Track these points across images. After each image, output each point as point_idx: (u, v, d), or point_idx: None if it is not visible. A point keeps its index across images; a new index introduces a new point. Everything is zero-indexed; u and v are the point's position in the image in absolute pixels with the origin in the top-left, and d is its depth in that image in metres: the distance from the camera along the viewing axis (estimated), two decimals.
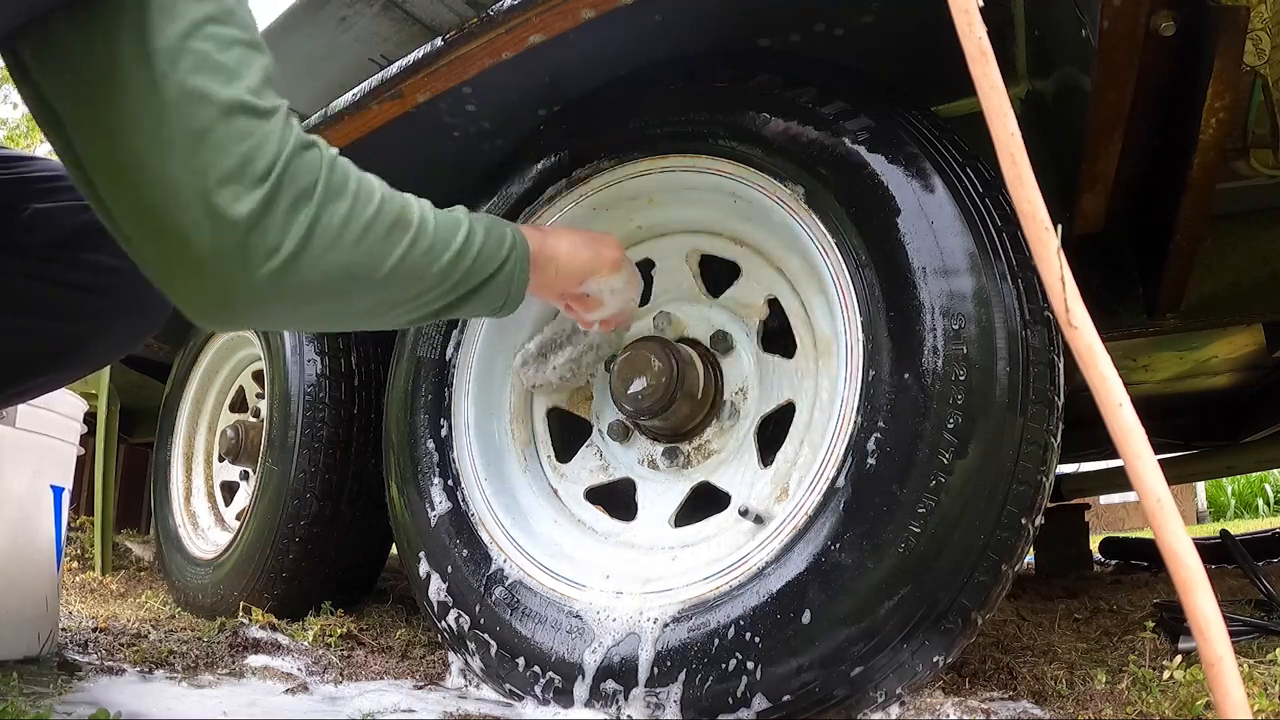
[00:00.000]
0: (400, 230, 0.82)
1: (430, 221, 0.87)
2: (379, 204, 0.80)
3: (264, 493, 1.90)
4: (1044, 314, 1.01)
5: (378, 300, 0.85)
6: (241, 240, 0.68)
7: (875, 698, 1.00)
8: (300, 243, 0.72)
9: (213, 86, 0.68)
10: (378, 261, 0.80)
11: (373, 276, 0.80)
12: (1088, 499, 3.35)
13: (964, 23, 0.66)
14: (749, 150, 1.20)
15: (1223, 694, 0.53)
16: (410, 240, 0.83)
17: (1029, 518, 0.98)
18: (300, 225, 0.71)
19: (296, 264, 0.72)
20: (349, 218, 0.76)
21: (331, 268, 0.75)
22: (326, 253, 0.74)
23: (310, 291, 0.76)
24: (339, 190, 0.76)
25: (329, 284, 0.77)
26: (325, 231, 0.74)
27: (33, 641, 1.34)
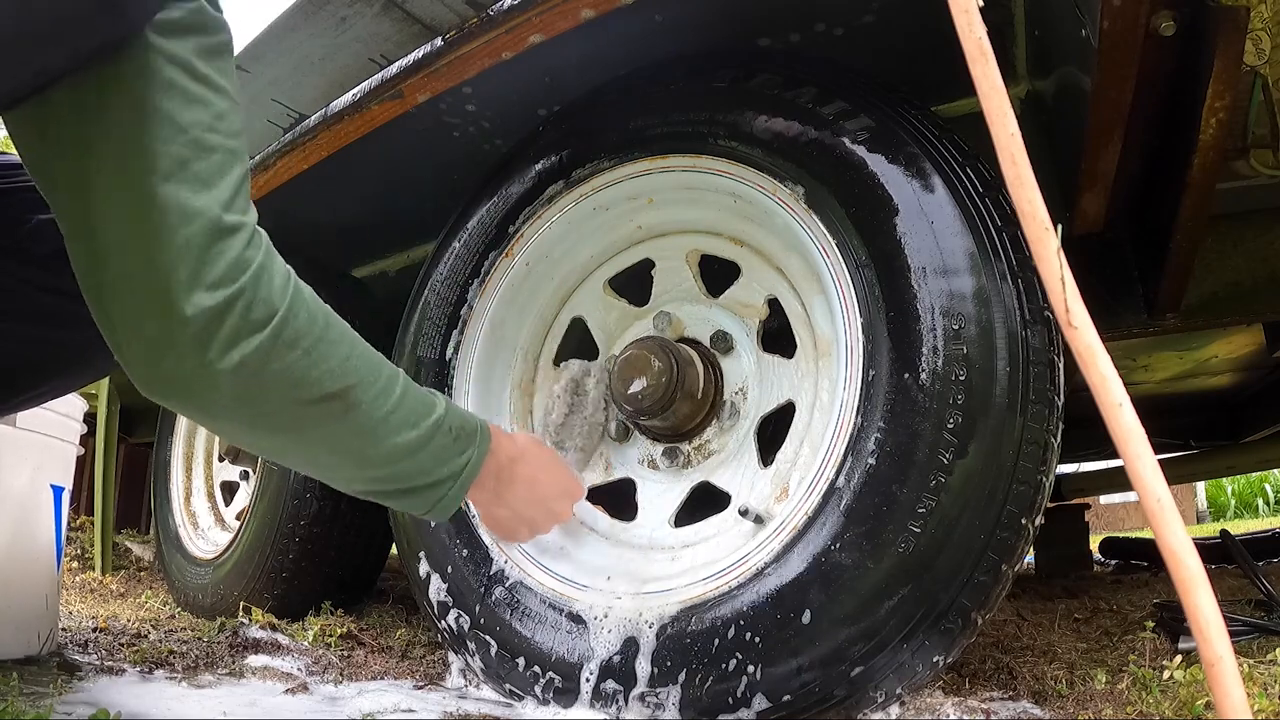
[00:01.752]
0: (336, 404, 0.79)
1: (382, 407, 0.83)
2: (328, 370, 0.77)
3: (264, 493, 1.90)
4: (1044, 314, 1.01)
5: (292, 456, 0.85)
6: (181, 343, 0.68)
7: (875, 698, 1.00)
8: (232, 369, 0.70)
9: (183, 194, 0.68)
10: (299, 421, 0.78)
11: (291, 431, 0.80)
12: (1088, 499, 3.35)
13: (964, 23, 0.66)
14: (749, 150, 1.20)
15: (1223, 694, 0.53)
16: (339, 416, 0.80)
17: (1029, 518, 0.98)
18: (235, 354, 0.70)
19: (221, 385, 0.71)
20: (286, 370, 0.74)
21: (257, 408, 0.75)
22: (253, 390, 0.73)
23: (233, 419, 0.76)
24: (291, 339, 0.73)
25: (251, 420, 0.76)
26: (258, 371, 0.72)
27: (33, 641, 1.34)
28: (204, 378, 0.70)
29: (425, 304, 1.51)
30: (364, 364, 0.82)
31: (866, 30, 1.28)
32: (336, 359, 0.78)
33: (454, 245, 1.49)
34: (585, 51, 1.34)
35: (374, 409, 0.82)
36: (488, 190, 1.48)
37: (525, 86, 1.45)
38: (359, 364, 0.81)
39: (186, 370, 0.69)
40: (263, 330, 0.71)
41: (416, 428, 0.88)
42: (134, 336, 0.69)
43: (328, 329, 0.78)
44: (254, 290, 0.70)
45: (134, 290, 0.68)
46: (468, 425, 0.97)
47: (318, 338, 0.76)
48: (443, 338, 1.47)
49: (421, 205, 1.84)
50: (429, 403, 0.91)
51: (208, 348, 0.68)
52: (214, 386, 0.70)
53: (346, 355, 0.80)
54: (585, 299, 1.52)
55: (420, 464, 0.90)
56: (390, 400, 0.84)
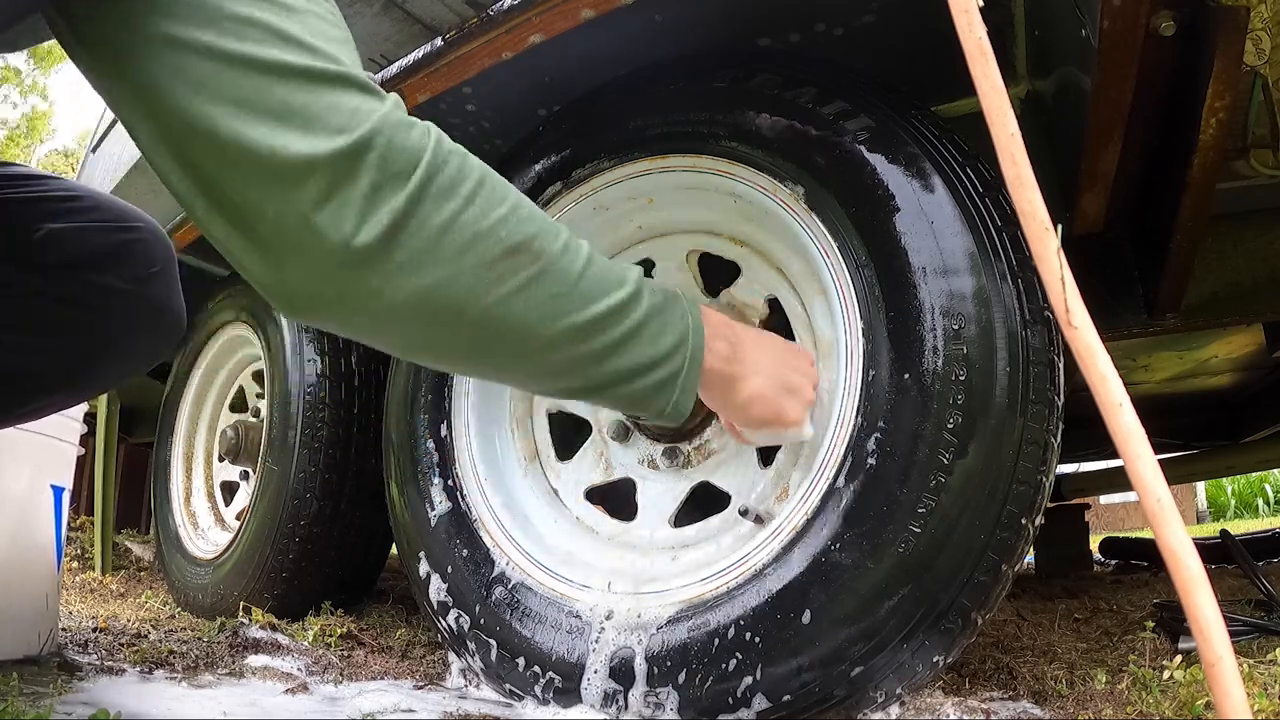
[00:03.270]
0: (523, 256, 0.65)
1: (575, 263, 0.69)
2: (500, 218, 0.64)
3: (264, 493, 1.90)
4: (1044, 314, 1.01)
5: (479, 342, 0.67)
6: (303, 220, 0.56)
7: (875, 698, 1.00)
8: (381, 237, 0.58)
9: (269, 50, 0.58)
10: (482, 287, 0.63)
11: (473, 304, 0.64)
12: (1088, 499, 3.35)
13: (964, 22, 0.66)
14: (749, 150, 1.20)
15: (1223, 694, 0.53)
16: (533, 275, 0.65)
17: (1029, 518, 0.98)
18: (383, 215, 0.57)
19: (374, 263, 0.58)
20: (451, 223, 0.61)
21: (424, 279, 0.61)
22: (416, 257, 0.60)
23: (391, 305, 0.61)
24: (447, 186, 0.61)
25: (416, 301, 0.61)
26: (417, 231, 0.59)
27: (32, 641, 1.34)
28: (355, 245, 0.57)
29: None
30: (537, 216, 0.68)
31: (866, 30, 1.28)
32: (506, 206, 0.65)
33: None
34: (585, 51, 1.34)
35: (566, 262, 0.68)
36: None
37: (525, 86, 1.45)
38: (532, 214, 0.67)
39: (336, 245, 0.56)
40: (408, 181, 0.59)
41: (621, 285, 0.73)
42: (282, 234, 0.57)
43: (486, 174, 0.66)
44: (386, 135, 0.59)
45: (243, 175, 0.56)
46: (668, 290, 0.81)
47: (478, 182, 0.64)
48: None
49: None
50: (619, 269, 0.76)
51: (344, 215, 0.56)
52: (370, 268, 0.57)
53: (516, 203, 0.66)
54: None
55: (646, 331, 0.75)
56: (581, 255, 0.70)
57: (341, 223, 0.56)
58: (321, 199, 0.56)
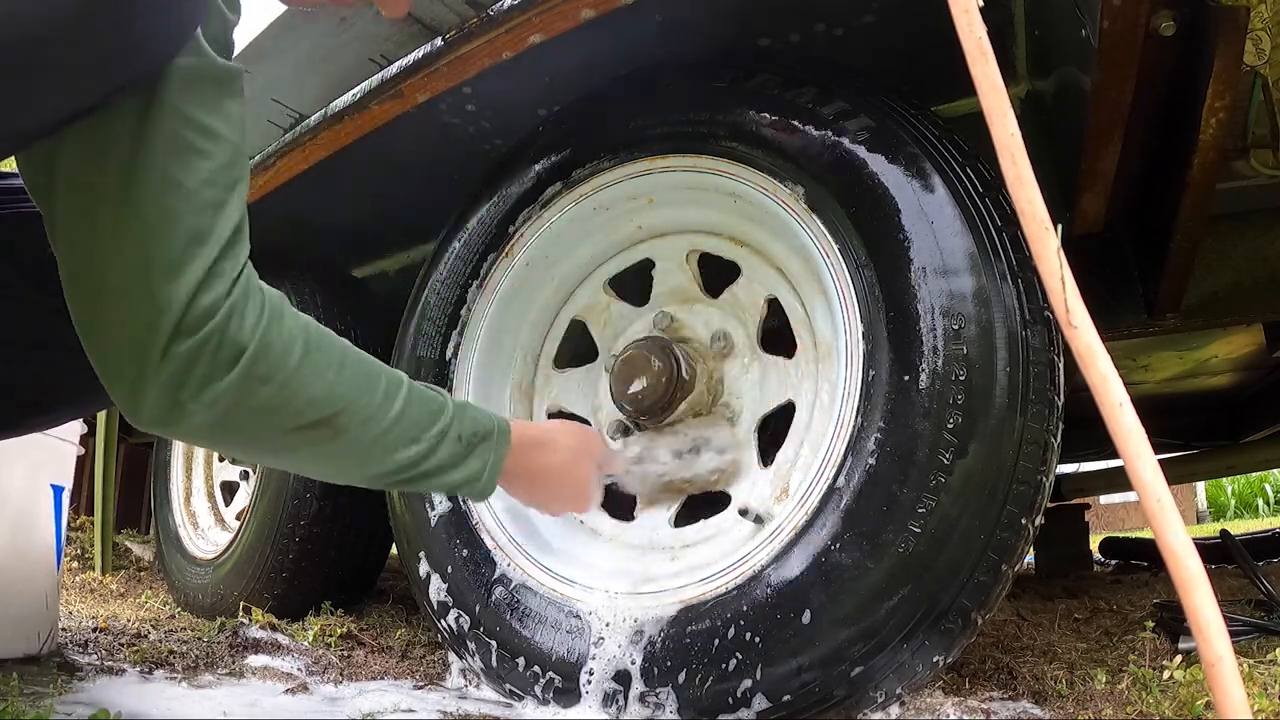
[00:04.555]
0: (322, 430, 0.79)
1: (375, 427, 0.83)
2: (309, 398, 0.77)
3: (264, 493, 1.90)
4: (1044, 314, 1.01)
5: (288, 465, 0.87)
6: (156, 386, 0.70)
7: (875, 698, 1.00)
8: (206, 410, 0.72)
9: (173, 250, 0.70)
10: (286, 448, 0.80)
11: (275, 455, 0.82)
12: (1088, 499, 3.35)
13: (964, 22, 0.66)
14: (749, 150, 1.20)
15: (1223, 694, 0.53)
16: (327, 441, 0.80)
17: (1029, 518, 0.98)
18: (207, 397, 0.71)
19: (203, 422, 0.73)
20: (263, 404, 0.75)
21: (241, 436, 0.77)
22: (232, 425, 0.75)
23: (221, 445, 0.80)
24: (263, 374, 0.74)
25: (239, 446, 0.79)
26: (234, 409, 0.73)
27: (32, 640, 1.34)
28: (181, 415, 0.72)
29: (425, 304, 1.51)
30: (354, 387, 0.81)
31: (866, 30, 1.28)
32: (320, 387, 0.78)
33: (454, 245, 1.49)
34: (585, 51, 1.34)
35: (366, 430, 0.82)
36: (487, 190, 1.48)
37: (525, 86, 1.45)
38: (347, 389, 0.81)
39: (165, 409, 0.71)
40: (231, 369, 0.71)
41: (418, 442, 0.87)
42: (117, 378, 0.72)
43: (307, 358, 0.77)
44: (224, 332, 0.71)
45: (117, 335, 0.70)
46: (481, 429, 0.95)
47: (294, 369, 0.76)
48: (442, 338, 1.47)
49: (421, 205, 1.84)
50: (434, 412, 0.90)
51: (181, 390, 0.70)
52: (192, 421, 0.72)
53: (332, 381, 0.79)
54: (585, 299, 1.52)
55: (428, 470, 0.89)
56: (386, 418, 0.84)
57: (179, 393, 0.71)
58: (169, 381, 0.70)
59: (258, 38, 1.43)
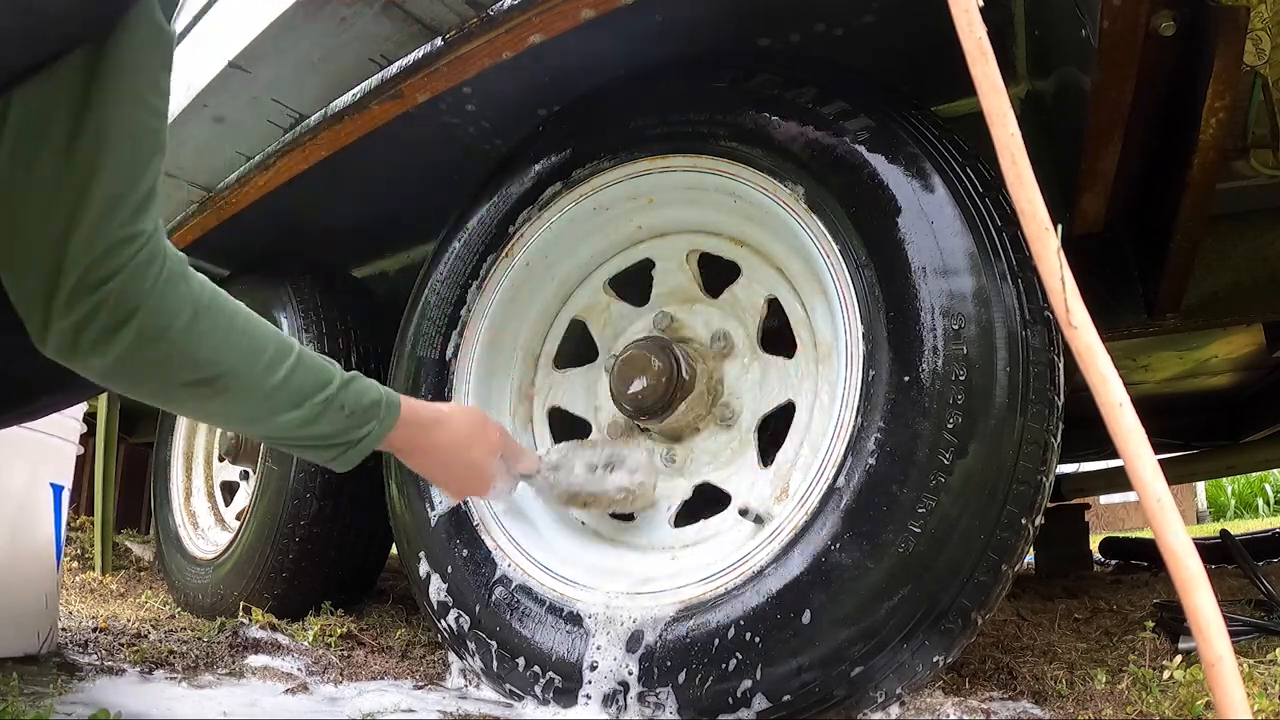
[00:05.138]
0: (205, 389, 0.85)
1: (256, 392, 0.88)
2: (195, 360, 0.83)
3: (264, 493, 1.90)
4: (1044, 314, 1.01)
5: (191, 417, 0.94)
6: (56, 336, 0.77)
7: (875, 698, 1.00)
8: (100, 363, 0.78)
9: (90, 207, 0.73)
10: (176, 399, 0.87)
11: (170, 405, 0.89)
12: (1088, 499, 3.35)
13: (964, 22, 0.66)
14: (749, 150, 1.20)
15: (1223, 694, 0.53)
16: (211, 398, 0.86)
17: (1029, 518, 0.98)
18: (101, 354, 0.77)
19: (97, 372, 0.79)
20: (154, 360, 0.80)
21: (132, 386, 0.83)
22: (128, 375, 0.81)
23: (115, 389, 0.86)
24: (155, 333, 0.79)
25: (131, 393, 0.85)
26: (128, 361, 0.79)
27: (32, 639, 1.34)
28: (78, 358, 0.78)
29: (425, 304, 1.51)
30: (240, 351, 0.86)
31: (866, 30, 1.28)
32: (205, 350, 0.83)
33: (454, 245, 1.49)
34: (585, 51, 1.34)
35: (247, 393, 0.88)
36: (487, 190, 1.48)
37: (525, 86, 1.45)
38: (232, 354, 0.85)
39: (65, 351, 0.78)
40: (125, 326, 0.76)
41: (300, 407, 0.91)
42: (26, 315, 0.77)
43: (195, 321, 0.82)
44: (124, 291, 0.76)
45: (27, 277, 0.76)
46: (366, 400, 0.99)
47: (181, 331, 0.80)
48: (442, 338, 1.47)
49: (422, 205, 1.84)
50: (321, 381, 0.94)
51: (79, 336, 0.76)
52: (87, 364, 0.79)
53: (217, 345, 0.84)
54: (585, 299, 1.52)
55: (310, 434, 0.94)
56: (270, 382, 0.89)
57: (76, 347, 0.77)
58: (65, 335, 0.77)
59: (258, 38, 1.43)
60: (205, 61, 1.56)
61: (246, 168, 1.77)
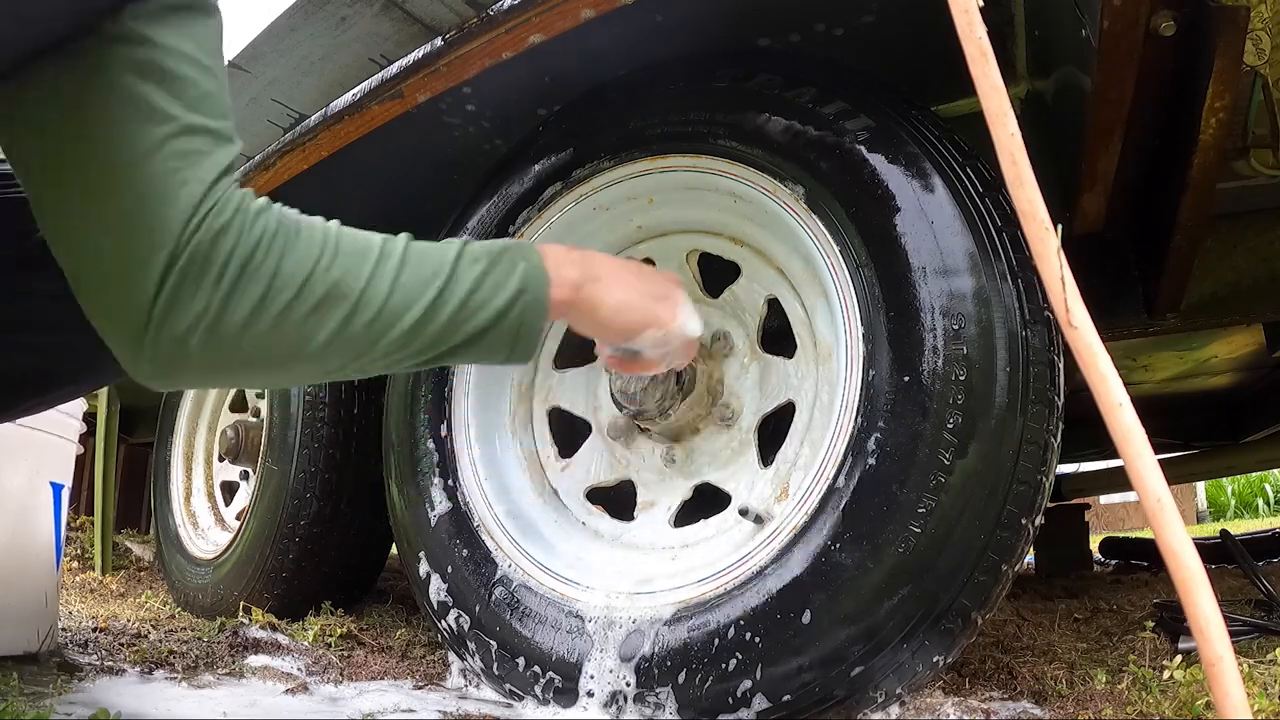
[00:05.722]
0: (332, 305, 0.75)
1: (383, 281, 0.78)
2: (305, 278, 0.74)
3: (264, 493, 1.90)
4: (1044, 314, 1.01)
5: (324, 368, 0.80)
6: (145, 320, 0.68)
7: (875, 698, 1.00)
8: (208, 327, 0.69)
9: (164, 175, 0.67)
10: (303, 340, 0.75)
11: (302, 352, 0.76)
12: (1088, 499, 3.35)
13: (964, 23, 0.66)
14: (749, 150, 1.20)
15: (1223, 694, 0.53)
16: (344, 316, 0.76)
17: (1029, 518, 0.98)
18: (201, 309, 0.69)
19: (207, 344, 0.70)
20: (261, 302, 0.72)
21: (250, 347, 0.73)
22: (239, 335, 0.71)
23: (236, 366, 0.74)
24: (253, 274, 0.71)
25: (255, 360, 0.74)
26: (231, 316, 0.70)
27: (32, 639, 1.34)
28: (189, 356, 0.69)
29: None
30: (348, 254, 0.77)
31: (866, 30, 1.28)
32: (310, 262, 0.74)
33: None
34: (585, 51, 1.34)
35: (374, 287, 0.77)
36: (487, 190, 1.48)
37: (525, 86, 1.45)
38: (342, 258, 0.77)
39: (167, 355, 0.69)
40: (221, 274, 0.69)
41: (437, 277, 0.80)
42: (120, 324, 0.69)
43: (290, 239, 0.74)
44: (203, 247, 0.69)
45: (115, 277, 0.68)
46: (496, 245, 0.87)
47: (281, 253, 0.73)
48: None
49: (422, 205, 1.84)
50: (440, 247, 0.84)
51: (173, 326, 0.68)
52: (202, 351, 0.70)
53: (318, 255, 0.75)
54: None
55: (472, 305, 0.82)
56: (388, 267, 0.78)
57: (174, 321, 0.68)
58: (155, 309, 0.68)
59: (258, 38, 1.43)
60: None
61: (246, 168, 1.76)
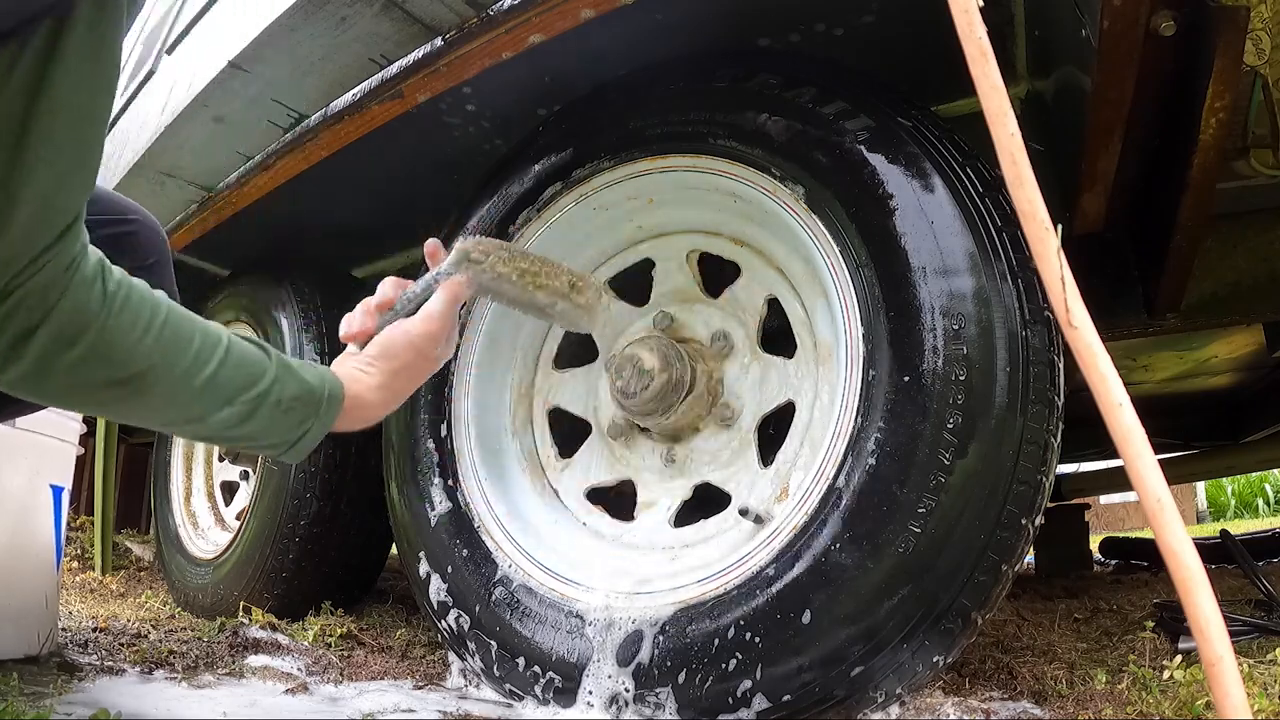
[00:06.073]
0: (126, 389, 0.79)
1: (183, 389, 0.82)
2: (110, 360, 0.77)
3: (264, 493, 1.90)
4: (1044, 314, 1.01)
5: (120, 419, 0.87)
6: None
7: (875, 698, 1.00)
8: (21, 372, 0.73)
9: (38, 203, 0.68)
10: (91, 402, 0.80)
11: (91, 408, 0.82)
12: (1088, 499, 3.35)
13: (964, 23, 0.66)
14: (749, 150, 1.20)
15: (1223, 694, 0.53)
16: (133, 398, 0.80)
17: (1029, 518, 0.98)
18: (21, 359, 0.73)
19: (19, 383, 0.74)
20: (69, 366, 0.75)
21: (47, 393, 0.77)
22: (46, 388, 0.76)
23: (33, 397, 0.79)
24: (69, 338, 0.74)
25: (51, 400, 0.79)
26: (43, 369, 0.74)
27: (32, 641, 1.34)
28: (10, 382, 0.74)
29: None
30: (162, 346, 0.80)
31: (866, 30, 1.28)
32: (124, 345, 0.77)
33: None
34: (585, 51, 1.34)
35: (175, 390, 0.81)
36: (487, 190, 1.48)
37: (525, 86, 1.45)
38: (154, 348, 0.79)
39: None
40: (37, 333, 0.72)
41: (231, 404, 0.84)
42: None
43: (113, 315, 0.76)
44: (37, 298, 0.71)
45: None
46: (307, 393, 0.90)
47: (100, 328, 0.75)
48: None
49: (422, 205, 1.84)
50: (253, 375, 0.87)
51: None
52: (5, 382, 0.74)
53: (138, 340, 0.78)
54: None
55: (246, 433, 0.87)
56: (197, 379, 0.82)
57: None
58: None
59: (258, 38, 1.43)
60: (205, 61, 1.56)
61: (246, 168, 1.77)
